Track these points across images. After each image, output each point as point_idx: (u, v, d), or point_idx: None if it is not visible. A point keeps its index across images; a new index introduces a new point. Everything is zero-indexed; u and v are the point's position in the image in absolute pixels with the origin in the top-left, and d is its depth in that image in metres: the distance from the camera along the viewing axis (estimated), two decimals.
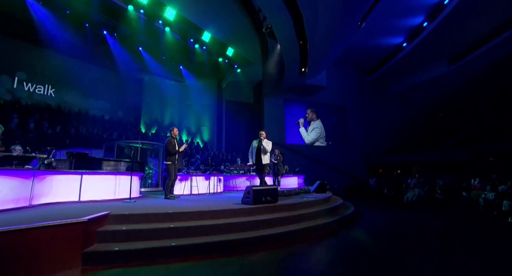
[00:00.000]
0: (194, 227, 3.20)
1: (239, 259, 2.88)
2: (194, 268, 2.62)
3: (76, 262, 2.52)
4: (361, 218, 5.54)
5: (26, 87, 11.74)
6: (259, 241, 3.28)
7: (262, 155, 5.17)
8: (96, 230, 2.86)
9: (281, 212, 4.20)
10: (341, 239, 3.84)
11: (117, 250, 2.67)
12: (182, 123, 16.91)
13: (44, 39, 10.43)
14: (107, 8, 9.56)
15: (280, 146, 17.16)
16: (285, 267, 2.72)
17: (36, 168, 4.51)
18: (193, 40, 11.95)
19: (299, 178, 11.92)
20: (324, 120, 19.77)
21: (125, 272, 2.51)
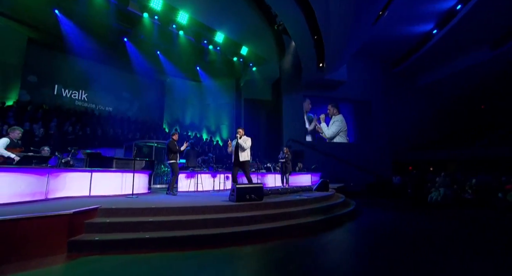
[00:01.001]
0: (171, 221, 3.48)
1: (205, 252, 3.08)
2: (162, 258, 2.89)
3: (62, 248, 2.92)
4: (355, 218, 5.40)
5: (64, 93, 13.12)
6: (231, 237, 3.45)
7: (240, 153, 5.26)
8: (84, 222, 3.26)
9: (264, 210, 4.30)
10: (314, 240, 3.77)
11: (97, 239, 3.04)
12: (202, 122, 17.59)
13: (76, 50, 11.57)
14: (125, 17, 10.32)
15: (299, 143, 17.07)
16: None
17: (55, 166, 5.18)
18: (206, 41, 12.35)
19: (313, 176, 11.78)
20: (347, 115, 19.13)
21: (101, 259, 2.86)
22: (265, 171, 9.91)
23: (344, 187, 12.32)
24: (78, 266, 2.70)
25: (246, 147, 5.26)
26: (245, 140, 5.32)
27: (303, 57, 14.96)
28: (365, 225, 4.84)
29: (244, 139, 5.34)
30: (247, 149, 5.29)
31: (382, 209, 7.43)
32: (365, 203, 9.07)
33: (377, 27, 15.63)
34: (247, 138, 5.41)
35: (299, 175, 10.87)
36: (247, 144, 5.28)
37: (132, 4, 9.67)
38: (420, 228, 4.74)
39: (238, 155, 5.20)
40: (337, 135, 18.90)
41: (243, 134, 5.42)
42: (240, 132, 5.40)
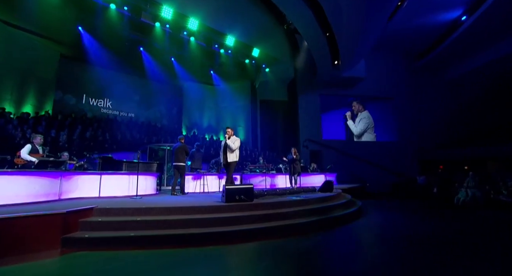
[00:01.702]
0: (156, 220, 3.67)
1: (183, 251, 3.22)
2: (140, 255, 3.08)
3: (56, 244, 3.23)
4: (354, 220, 5.18)
5: (91, 102, 14.22)
6: (212, 236, 3.54)
7: (228, 153, 5.28)
8: (79, 220, 3.57)
9: (253, 211, 4.34)
10: (299, 241, 3.72)
11: (87, 237, 3.31)
12: (219, 125, 17.98)
13: (99, 61, 12.55)
14: (139, 27, 10.99)
15: (315, 143, 16.75)
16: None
17: (67, 170, 5.69)
18: (217, 46, 12.67)
19: (328, 176, 11.49)
20: None
21: (88, 255, 3.12)
22: (276, 172, 9.88)
23: (360, 187, 11.87)
24: (67, 260, 2.99)
25: (235, 147, 5.28)
26: (234, 141, 5.34)
27: (316, 55, 14.68)
28: (361, 228, 4.65)
29: (233, 139, 5.36)
30: (236, 150, 5.32)
31: (392, 211, 7.05)
32: (380, 204, 8.66)
33: (397, 18, 14.86)
34: (236, 139, 5.43)
35: (312, 175, 10.68)
36: (235, 145, 5.31)
37: (145, 15, 10.25)
38: (424, 231, 4.43)
39: (226, 155, 5.24)
40: (365, 132, 18.28)
41: (231, 134, 5.43)
42: (229, 132, 5.41)
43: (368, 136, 18.01)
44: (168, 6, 10.29)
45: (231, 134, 5.38)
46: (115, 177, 6.00)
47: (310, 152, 16.82)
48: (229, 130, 5.40)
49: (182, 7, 10.63)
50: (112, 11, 9.78)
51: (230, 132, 5.40)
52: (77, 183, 5.52)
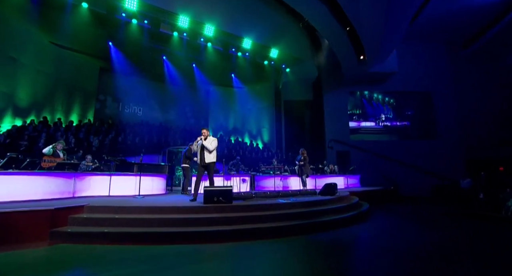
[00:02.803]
0: (132, 218, 3.92)
1: (149, 247, 3.44)
2: (108, 249, 3.36)
3: (44, 237, 3.67)
4: (346, 226, 4.79)
5: (127, 109, 15.66)
6: (186, 235, 3.68)
7: (206, 154, 5.28)
8: (68, 216, 3.99)
9: (229, 213, 4.35)
10: (260, 245, 3.62)
11: (69, 231, 3.69)
12: (244, 126, 18.24)
13: (129, 71, 13.81)
14: (159, 38, 11.78)
15: (343, 143, 15.92)
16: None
17: (87, 171, 6.39)
18: (234, 49, 12.91)
19: (349, 178, 10.85)
20: (400, 109, 16.87)
21: (67, 246, 3.52)
22: (288, 174, 9.66)
23: (388, 190, 10.94)
24: (51, 250, 3.42)
25: (212, 148, 5.30)
26: (211, 141, 5.36)
27: (338, 52, 13.99)
28: (346, 235, 4.29)
29: (209, 140, 5.38)
30: (213, 150, 5.34)
31: (405, 217, 6.33)
32: (404, 209, 7.85)
33: (435, 2, 13.32)
34: (213, 139, 5.44)
35: (329, 177, 10.17)
36: (212, 145, 5.32)
37: (163, 26, 10.97)
38: (422, 247, 3.89)
39: (203, 157, 5.27)
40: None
41: (208, 135, 5.44)
42: (205, 133, 5.40)
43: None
44: (184, 16, 10.84)
45: (207, 135, 5.41)
46: (124, 178, 6.55)
47: (336, 153, 16.06)
48: (204, 131, 5.43)
49: (197, 15, 11.09)
50: (133, 26, 10.69)
51: (206, 133, 5.42)
52: (89, 183, 6.16)
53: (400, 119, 17.10)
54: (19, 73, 11.21)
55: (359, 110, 17.36)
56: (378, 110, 17.53)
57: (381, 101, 17.62)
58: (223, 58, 13.47)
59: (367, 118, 17.42)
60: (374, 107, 17.59)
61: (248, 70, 14.40)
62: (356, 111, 17.31)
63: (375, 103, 17.62)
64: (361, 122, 17.32)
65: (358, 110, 17.36)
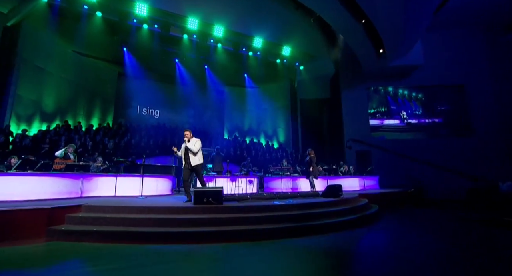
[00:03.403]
0: (120, 218, 4.12)
1: (139, 246, 3.61)
2: (93, 246, 3.56)
3: (42, 234, 3.97)
4: (344, 229, 4.57)
5: (145, 113, 16.44)
6: (172, 235, 3.81)
7: (190, 157, 5.28)
8: (65, 215, 4.28)
9: (217, 214, 4.36)
10: (250, 248, 3.60)
11: (63, 229, 3.95)
12: (260, 127, 18.26)
13: (144, 75, 14.50)
14: (170, 41, 12.20)
15: (362, 143, 15.30)
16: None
17: (97, 172, 6.82)
18: (245, 49, 12.99)
19: (366, 180, 10.39)
20: (430, 105, 15.82)
21: (60, 243, 3.78)
22: (299, 175, 9.49)
23: (410, 193, 10.30)
24: (46, 246, 3.70)
25: (196, 150, 5.29)
26: (194, 143, 5.35)
27: (355, 46, 13.51)
28: (339, 239, 4.10)
29: (193, 141, 5.37)
30: (198, 152, 5.34)
31: (418, 223, 5.88)
32: (422, 216, 7.32)
33: None
34: (196, 140, 5.41)
35: (342, 179, 9.81)
36: (196, 147, 5.31)
37: (173, 29, 11.37)
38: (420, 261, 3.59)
39: (189, 160, 5.28)
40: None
41: (191, 137, 5.43)
42: (187, 134, 5.38)
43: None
44: (193, 18, 11.15)
45: (190, 136, 5.40)
46: (129, 179, 6.87)
47: (355, 153, 15.47)
48: (187, 133, 5.41)
49: (206, 17, 11.34)
50: (145, 31, 11.20)
51: (189, 134, 5.41)
52: (96, 183, 6.55)
53: (430, 115, 16.03)
54: (45, 81, 12.26)
55: (384, 108, 16.58)
56: (404, 106, 16.63)
57: (408, 97, 16.68)
58: (235, 59, 13.63)
59: (391, 115, 16.60)
60: (400, 103, 16.71)
61: (260, 69, 14.41)
62: (382, 108, 16.56)
63: (400, 100, 16.73)
64: (384, 119, 16.55)
65: (383, 107, 16.59)
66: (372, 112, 16.43)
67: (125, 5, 10.13)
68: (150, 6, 10.31)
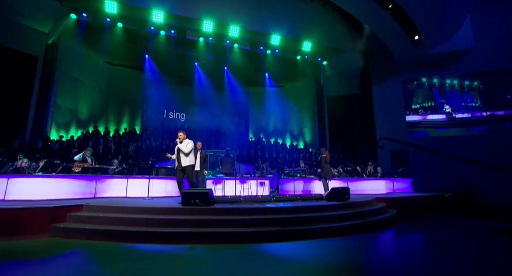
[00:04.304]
0: (109, 217, 4.47)
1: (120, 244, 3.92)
2: (80, 243, 3.93)
3: (45, 230, 4.48)
4: (339, 235, 4.30)
5: (171, 116, 17.42)
6: (156, 235, 4.04)
7: (182, 158, 5.38)
8: (67, 214, 4.78)
9: (203, 215, 4.46)
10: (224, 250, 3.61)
11: (62, 227, 4.42)
12: (285, 127, 18.09)
13: (167, 79, 15.40)
14: (188, 45, 12.76)
15: (396, 142, 14.24)
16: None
17: (111, 174, 7.47)
18: (262, 47, 13.01)
19: (396, 182, 9.64)
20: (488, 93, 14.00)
21: (61, 240, 4.24)
22: (315, 176, 9.17)
23: (438, 196, 9.23)
24: (45, 242, 4.20)
25: (187, 151, 5.43)
26: (186, 144, 5.50)
27: (383, 35, 12.71)
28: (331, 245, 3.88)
29: (185, 143, 5.53)
30: (190, 153, 5.46)
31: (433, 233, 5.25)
32: (449, 226, 6.56)
33: None
34: (188, 141, 5.57)
35: (365, 181, 9.23)
36: (188, 148, 5.45)
37: (189, 33, 11.90)
38: None
39: (180, 160, 5.44)
40: None
41: (184, 138, 5.60)
42: (180, 136, 5.57)
43: None
44: (208, 20, 11.52)
45: (183, 138, 5.60)
46: (139, 180, 7.37)
47: (390, 153, 14.45)
48: (180, 134, 5.63)
49: (221, 18, 11.62)
50: (163, 37, 11.92)
51: (182, 136, 5.62)
52: (109, 185, 7.16)
53: (491, 107, 14.07)
54: (80, 91, 13.77)
55: (430, 102, 15.23)
56: (454, 99, 15.06)
57: (458, 87, 15.07)
58: (254, 58, 13.73)
59: (437, 110, 15.17)
60: (449, 96, 15.18)
61: (281, 67, 14.29)
62: (427, 103, 15.24)
63: (449, 91, 15.20)
64: (427, 115, 15.22)
65: (429, 102, 15.24)
66: (416, 108, 15.21)
67: (142, 14, 10.91)
68: (166, 13, 10.93)
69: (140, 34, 11.87)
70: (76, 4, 10.57)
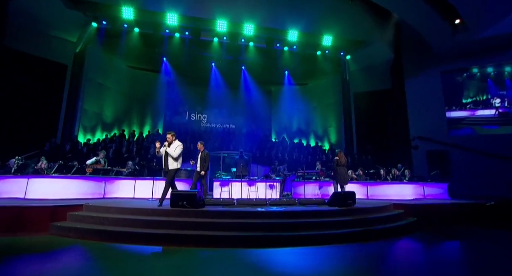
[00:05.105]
0: (98, 216, 4.74)
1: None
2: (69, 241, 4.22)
3: (45, 229, 4.90)
4: (331, 243, 4.04)
5: (193, 118, 18.04)
6: (139, 236, 4.22)
7: (169, 160, 5.39)
8: (67, 213, 5.17)
9: (189, 218, 4.53)
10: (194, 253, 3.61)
11: (58, 225, 4.80)
12: (309, 127, 17.70)
13: (189, 81, 15.98)
14: (205, 46, 13.09)
15: (431, 141, 13.14)
16: None
17: (124, 175, 7.96)
18: (279, 44, 12.87)
19: (426, 187, 8.86)
20: None
21: (55, 238, 4.59)
22: (329, 180, 8.79)
23: (479, 206, 8.21)
24: (44, 239, 4.58)
25: (175, 155, 5.45)
26: (175, 148, 5.51)
27: (416, 23, 11.90)
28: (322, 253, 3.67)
29: (174, 146, 5.53)
30: (177, 156, 5.48)
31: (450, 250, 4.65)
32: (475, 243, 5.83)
33: None
34: (177, 145, 5.56)
35: (387, 184, 8.60)
36: (176, 152, 5.46)
37: (203, 33, 12.22)
38: None
39: (167, 163, 5.48)
40: None
41: (173, 140, 5.60)
42: (169, 138, 5.57)
43: None
44: (221, 20, 11.72)
45: (172, 140, 5.61)
46: (146, 182, 7.73)
47: (426, 154, 13.35)
48: (169, 136, 5.62)
49: (235, 17, 11.73)
50: (178, 39, 12.39)
51: (171, 138, 5.61)
52: (118, 186, 7.62)
53: None
54: (104, 95, 14.88)
55: (483, 95, 13.84)
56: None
57: None
58: (271, 56, 13.65)
59: (487, 104, 13.77)
60: (508, 87, 13.64)
61: (301, 64, 14.03)
62: (480, 96, 13.89)
63: (509, 81, 13.65)
64: (476, 110, 13.83)
65: (481, 95, 13.88)
66: (465, 102, 13.94)
67: (157, 17, 11.46)
68: (179, 15, 11.35)
69: (156, 38, 12.45)
70: (96, 12, 11.44)
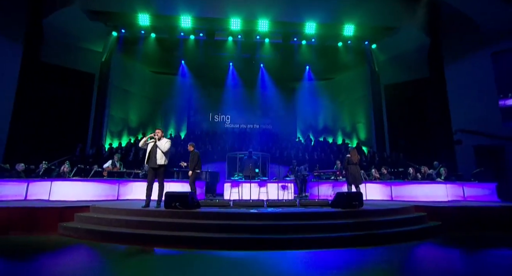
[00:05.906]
0: (95, 217, 5.07)
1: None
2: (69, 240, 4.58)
3: (54, 229, 5.37)
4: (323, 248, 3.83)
5: (217, 119, 18.48)
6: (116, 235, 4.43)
7: (158, 156, 5.44)
8: (74, 214, 5.62)
9: (179, 219, 4.65)
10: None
11: (64, 225, 5.23)
12: (336, 124, 17.14)
13: (209, 82, 16.43)
14: (220, 46, 13.36)
15: (479, 135, 11.84)
16: None
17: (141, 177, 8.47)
18: (296, 38, 12.65)
19: (466, 187, 8.04)
20: None
21: (60, 237, 5.02)
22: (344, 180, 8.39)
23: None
24: (52, 238, 5.03)
25: (165, 150, 5.53)
26: (164, 143, 5.59)
27: None
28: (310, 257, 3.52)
29: (163, 141, 5.63)
30: (166, 151, 5.56)
31: None
32: None
33: None
34: (166, 140, 5.65)
35: (415, 184, 7.93)
36: (165, 147, 5.54)
37: (217, 33, 12.47)
38: None
39: (155, 159, 5.52)
40: None
41: (162, 136, 5.71)
42: (158, 133, 5.68)
43: None
44: (235, 18, 11.85)
45: (161, 135, 5.70)
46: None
47: (473, 150, 12.08)
48: (158, 131, 5.72)
49: (248, 14, 11.77)
50: (193, 41, 12.81)
51: (160, 133, 5.71)
52: (131, 188, 8.09)
53: None
54: (130, 101, 15.92)
55: None
56: None
57: None
58: (289, 51, 13.50)
59: None
60: None
61: (322, 58, 13.66)
62: None
63: None
64: None
65: None
66: None
67: (171, 21, 11.96)
68: (193, 17, 11.71)
69: (172, 41, 13.01)
70: (115, 22, 12.28)
